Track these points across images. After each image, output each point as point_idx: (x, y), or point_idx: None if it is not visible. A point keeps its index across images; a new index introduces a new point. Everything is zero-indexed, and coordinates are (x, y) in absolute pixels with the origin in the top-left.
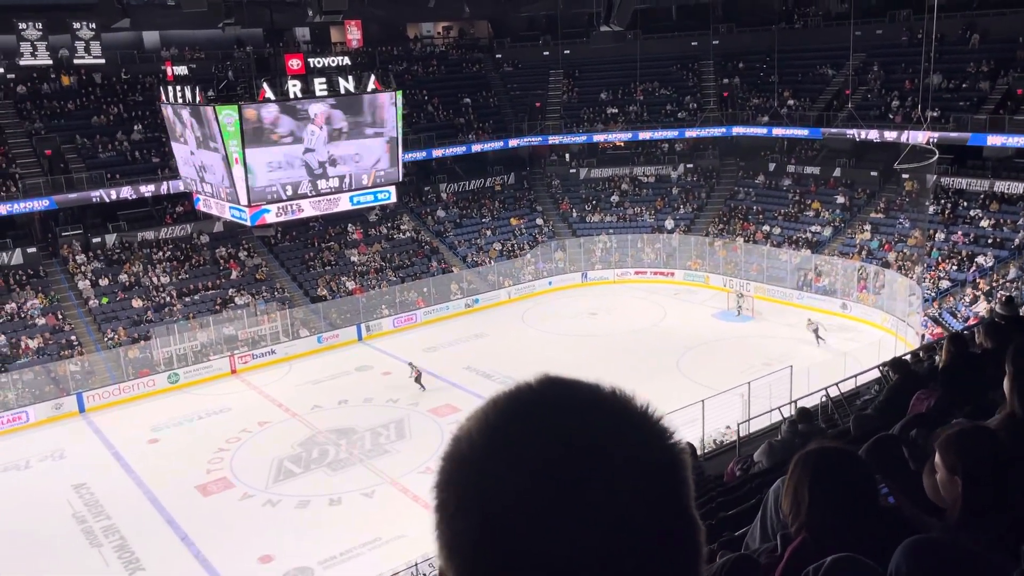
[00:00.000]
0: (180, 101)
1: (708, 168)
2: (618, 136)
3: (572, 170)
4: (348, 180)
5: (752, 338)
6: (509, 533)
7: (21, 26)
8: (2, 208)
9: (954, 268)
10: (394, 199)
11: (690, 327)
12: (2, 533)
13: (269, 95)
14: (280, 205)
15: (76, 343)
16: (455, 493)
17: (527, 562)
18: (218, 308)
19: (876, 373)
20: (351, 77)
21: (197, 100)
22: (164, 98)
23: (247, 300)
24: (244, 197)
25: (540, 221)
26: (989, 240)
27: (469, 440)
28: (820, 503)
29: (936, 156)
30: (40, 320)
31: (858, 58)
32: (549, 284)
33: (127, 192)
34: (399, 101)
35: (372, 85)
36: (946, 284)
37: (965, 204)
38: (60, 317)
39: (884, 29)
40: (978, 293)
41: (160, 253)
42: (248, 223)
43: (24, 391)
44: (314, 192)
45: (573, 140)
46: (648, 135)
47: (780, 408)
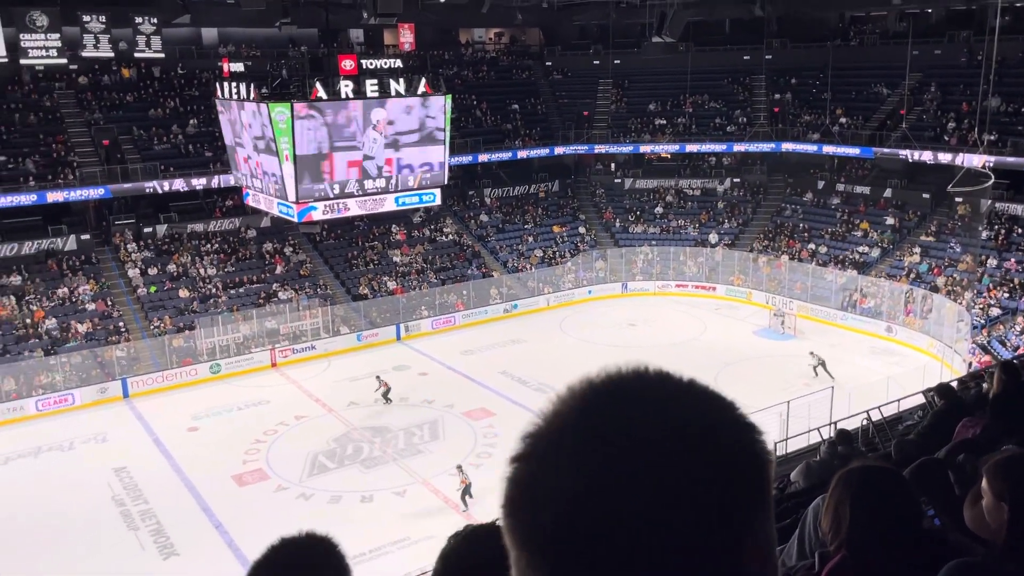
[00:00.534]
0: (235, 97)
1: (755, 183)
2: (665, 147)
3: (617, 180)
4: (394, 181)
5: (793, 357)
6: (600, 516)
7: (85, 19)
8: (59, 195)
9: (1005, 296)
10: (438, 201)
11: (730, 343)
12: (44, 511)
13: (321, 94)
14: (327, 203)
15: (123, 329)
16: (549, 469)
17: (619, 545)
18: (262, 302)
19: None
20: (402, 79)
21: (251, 97)
22: (219, 94)
23: (290, 295)
24: (292, 194)
25: (582, 230)
26: None
27: (560, 419)
28: (862, 521)
29: (992, 180)
30: (90, 305)
31: (914, 78)
32: (589, 293)
33: (179, 184)
34: (448, 105)
35: (422, 88)
36: (996, 311)
37: (1020, 231)
38: (109, 303)
39: (943, 49)
40: None
41: (208, 245)
42: (295, 219)
43: (72, 374)
44: (361, 192)
45: (619, 150)
46: (696, 148)
47: (819, 429)
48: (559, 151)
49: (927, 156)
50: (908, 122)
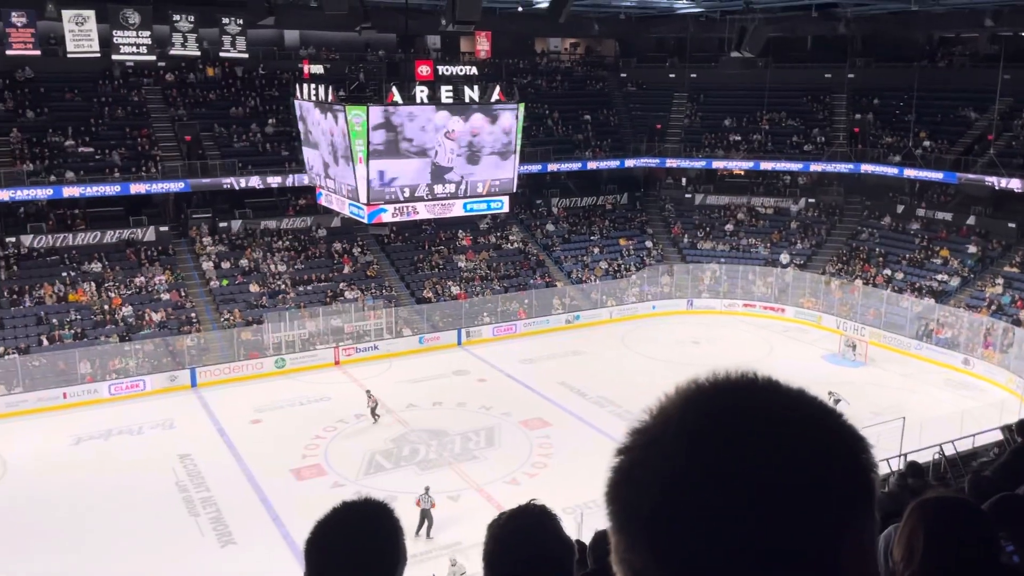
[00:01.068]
0: (313, 98)
1: (831, 204)
2: (739, 164)
3: (687, 195)
4: (464, 187)
5: (862, 385)
6: (697, 506)
7: (175, 18)
8: (142, 187)
9: None
10: (506, 209)
11: (797, 366)
12: (111, 490)
13: (397, 98)
14: (397, 206)
15: (195, 320)
16: (650, 458)
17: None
18: (328, 300)
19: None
20: (476, 86)
21: (329, 99)
22: (298, 95)
23: (356, 295)
24: (364, 195)
25: (649, 244)
26: None
27: (665, 415)
28: (935, 552)
29: None
30: (165, 295)
31: (1005, 102)
32: (652, 308)
33: (255, 181)
34: (521, 113)
35: (496, 96)
36: None
37: None
38: (183, 294)
39: None
40: None
41: (280, 242)
42: (365, 220)
43: (144, 361)
44: (430, 196)
45: (691, 165)
46: (771, 165)
47: (888, 460)
48: (629, 163)
49: (1015, 184)
50: (996, 148)
